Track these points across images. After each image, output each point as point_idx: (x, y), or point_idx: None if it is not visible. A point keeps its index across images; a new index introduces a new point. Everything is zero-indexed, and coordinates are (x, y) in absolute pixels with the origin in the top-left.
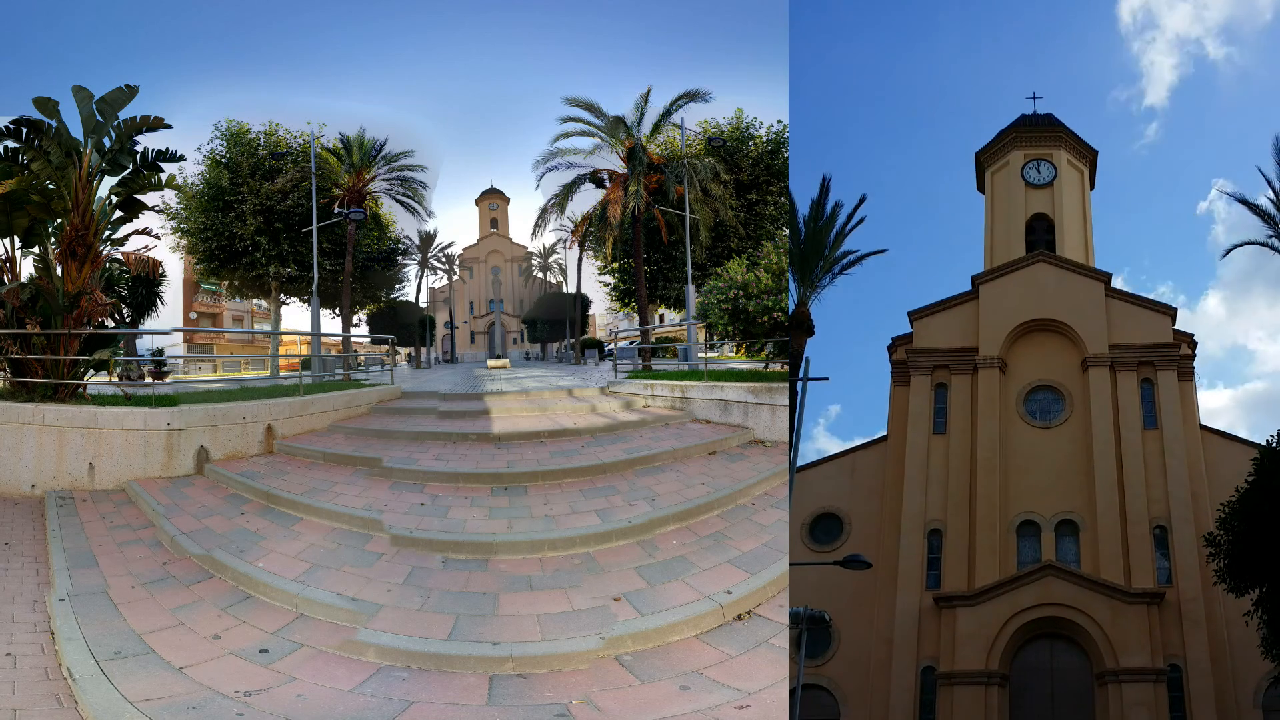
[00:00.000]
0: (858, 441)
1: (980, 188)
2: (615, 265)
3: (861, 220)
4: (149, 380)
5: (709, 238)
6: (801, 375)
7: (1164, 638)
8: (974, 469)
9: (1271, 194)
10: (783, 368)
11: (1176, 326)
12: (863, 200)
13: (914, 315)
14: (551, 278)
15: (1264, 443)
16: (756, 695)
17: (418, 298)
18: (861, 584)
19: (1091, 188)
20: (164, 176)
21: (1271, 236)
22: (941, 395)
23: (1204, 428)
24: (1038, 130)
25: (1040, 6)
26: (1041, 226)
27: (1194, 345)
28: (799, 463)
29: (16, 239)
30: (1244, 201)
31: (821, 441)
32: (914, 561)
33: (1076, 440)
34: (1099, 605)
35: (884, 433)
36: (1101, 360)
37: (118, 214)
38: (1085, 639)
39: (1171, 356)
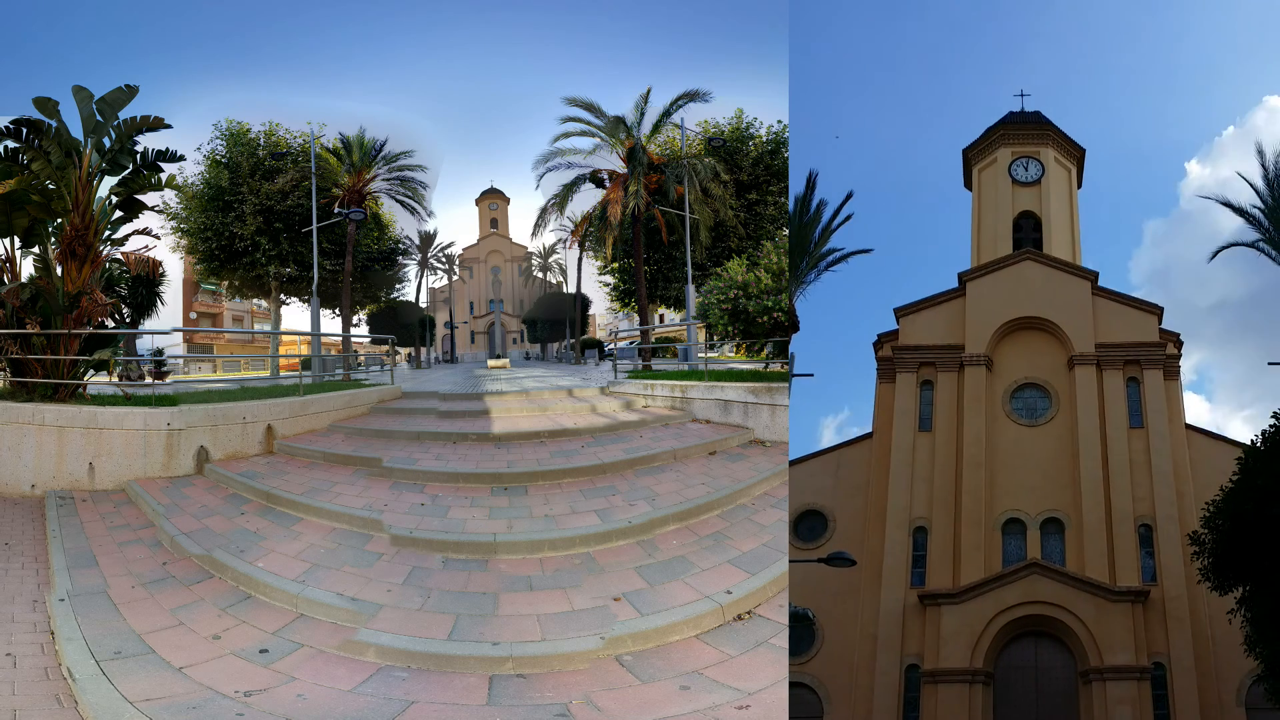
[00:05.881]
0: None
1: (968, 185)
2: (615, 265)
3: (849, 217)
4: (149, 380)
5: (709, 238)
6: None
7: (1148, 636)
8: (959, 466)
9: (1255, 198)
10: (782, 368)
11: (1163, 326)
12: (849, 197)
13: (900, 312)
14: (551, 278)
15: (1248, 442)
16: (756, 695)
17: (418, 298)
18: (846, 581)
19: (1079, 186)
20: (164, 176)
21: (1259, 240)
22: (927, 392)
23: (1189, 427)
24: (1026, 128)
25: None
26: (1029, 224)
27: (1180, 344)
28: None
29: (16, 239)
30: (1229, 205)
31: (812, 438)
32: (899, 559)
33: (1062, 438)
34: (1084, 603)
35: (869, 429)
36: (1088, 359)
37: (118, 214)
38: (1070, 637)
39: (1157, 355)
